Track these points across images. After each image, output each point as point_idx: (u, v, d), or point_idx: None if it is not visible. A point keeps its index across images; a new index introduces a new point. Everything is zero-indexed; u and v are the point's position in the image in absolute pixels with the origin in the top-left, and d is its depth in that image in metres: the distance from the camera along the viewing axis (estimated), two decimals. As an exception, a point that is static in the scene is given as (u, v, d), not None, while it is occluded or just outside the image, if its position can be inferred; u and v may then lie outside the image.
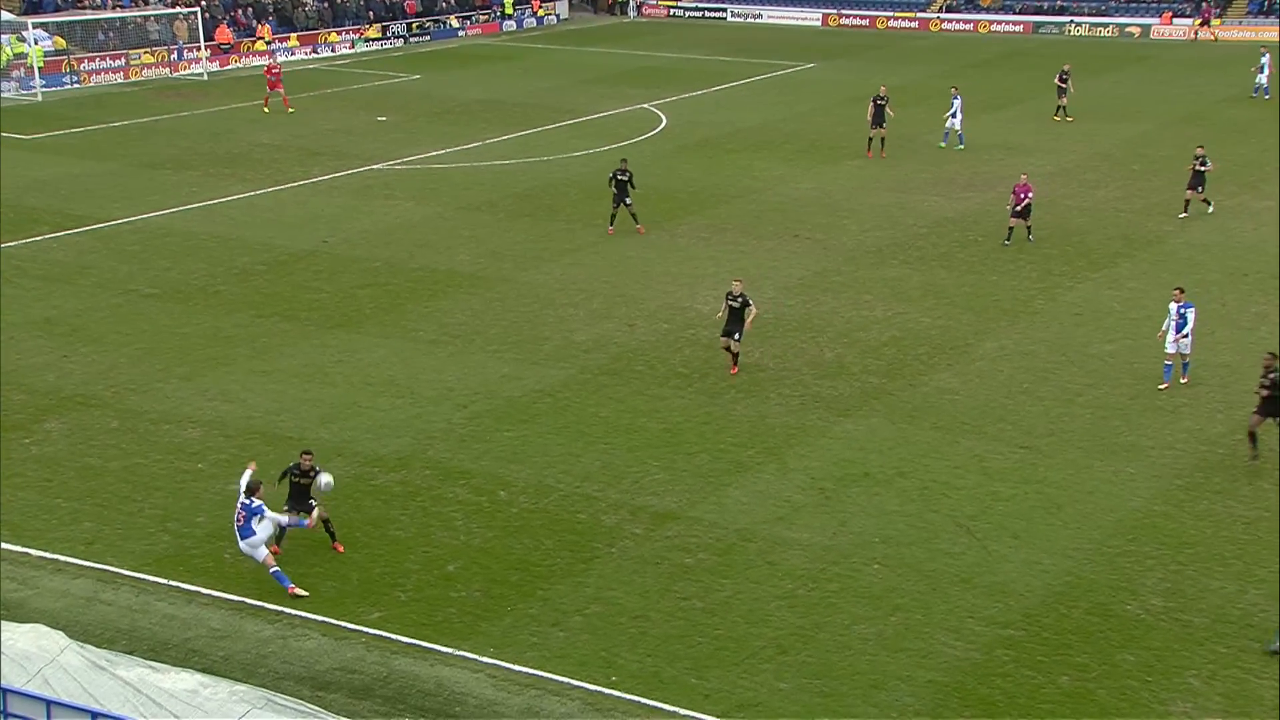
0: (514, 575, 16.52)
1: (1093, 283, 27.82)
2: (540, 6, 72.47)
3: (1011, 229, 29.97)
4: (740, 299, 22.57)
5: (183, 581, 16.23)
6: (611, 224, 30.81)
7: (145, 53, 52.90)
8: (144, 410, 20.91)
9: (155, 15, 54.32)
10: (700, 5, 75.73)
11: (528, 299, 26.54)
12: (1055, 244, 30.48)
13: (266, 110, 45.58)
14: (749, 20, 73.49)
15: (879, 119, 38.74)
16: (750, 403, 21.79)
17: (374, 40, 62.67)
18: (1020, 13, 68.90)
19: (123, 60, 51.93)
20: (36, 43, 48.30)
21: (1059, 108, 44.46)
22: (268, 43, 53.81)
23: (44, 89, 47.69)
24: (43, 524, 17.48)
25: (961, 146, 39.93)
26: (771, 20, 72.82)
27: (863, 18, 71.28)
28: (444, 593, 16.12)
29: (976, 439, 20.37)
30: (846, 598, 16.08)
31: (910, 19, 70.50)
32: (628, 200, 30.55)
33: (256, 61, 56.66)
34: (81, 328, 24.44)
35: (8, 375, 22.14)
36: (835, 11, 72.05)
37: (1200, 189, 31.98)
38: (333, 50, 60.59)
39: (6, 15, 50.38)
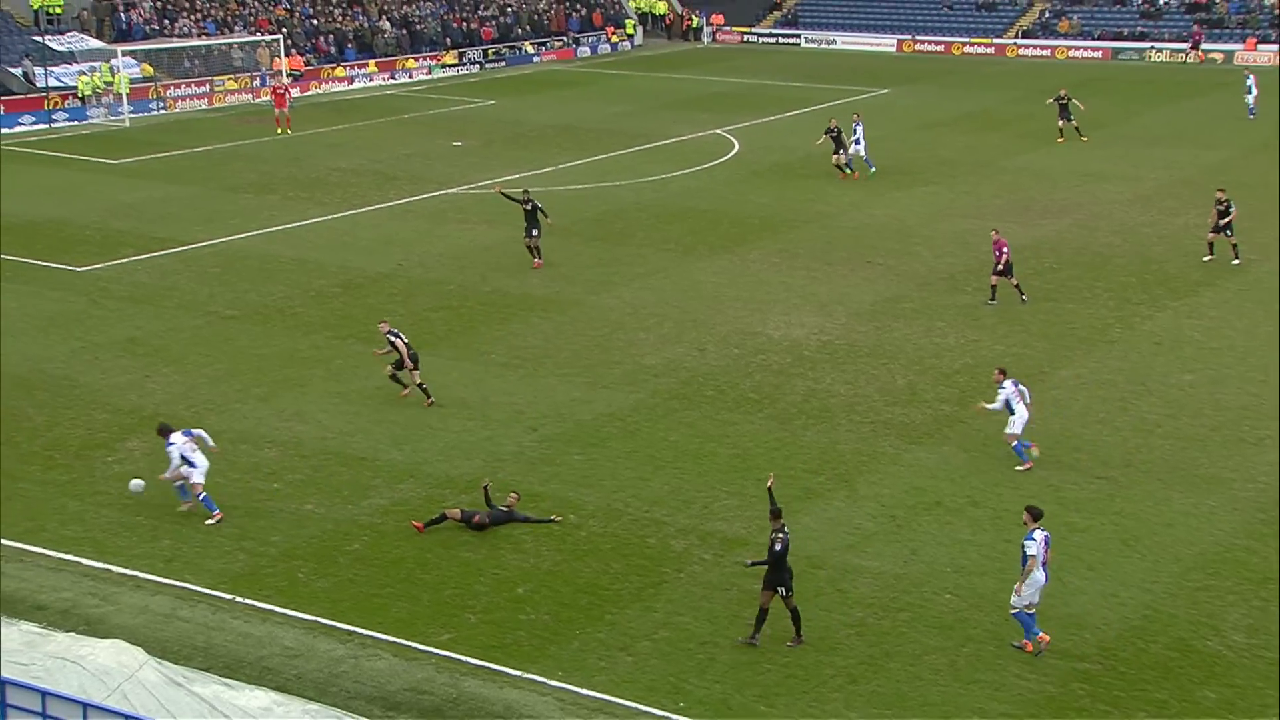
0: (583, 599, 16.53)
1: (1172, 311, 27.33)
2: (614, 32, 72.96)
3: (994, 287, 27.58)
4: None
5: (257, 600, 16.45)
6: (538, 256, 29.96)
7: (229, 79, 54.00)
8: (222, 430, 21.24)
9: (239, 43, 55.45)
10: (774, 31, 75.76)
11: (598, 323, 26.63)
12: (1133, 272, 30.01)
13: (280, 131, 46.22)
14: (823, 46, 73.35)
15: (839, 148, 38.85)
16: (821, 429, 21.66)
17: (450, 66, 63.46)
18: (1099, 39, 68.09)
19: (207, 87, 53.06)
20: (125, 70, 49.49)
21: (1074, 129, 43.88)
22: (298, 75, 54.64)
23: (131, 115, 48.86)
24: (124, 541, 17.81)
25: (873, 170, 39.39)
26: (845, 46, 72.61)
27: (938, 43, 70.84)
28: (513, 615, 16.18)
29: (1051, 469, 20.06)
30: (918, 627, 15.89)
31: (986, 45, 69.92)
32: (535, 232, 29.70)
33: (336, 88, 57.63)
34: (163, 348, 24.92)
35: (93, 394, 22.63)
36: (910, 37, 71.68)
37: (1228, 233, 30.21)
38: (410, 76, 61.43)
39: (96, 43, 51.70)
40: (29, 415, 21.64)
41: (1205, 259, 30.61)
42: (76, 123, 48.26)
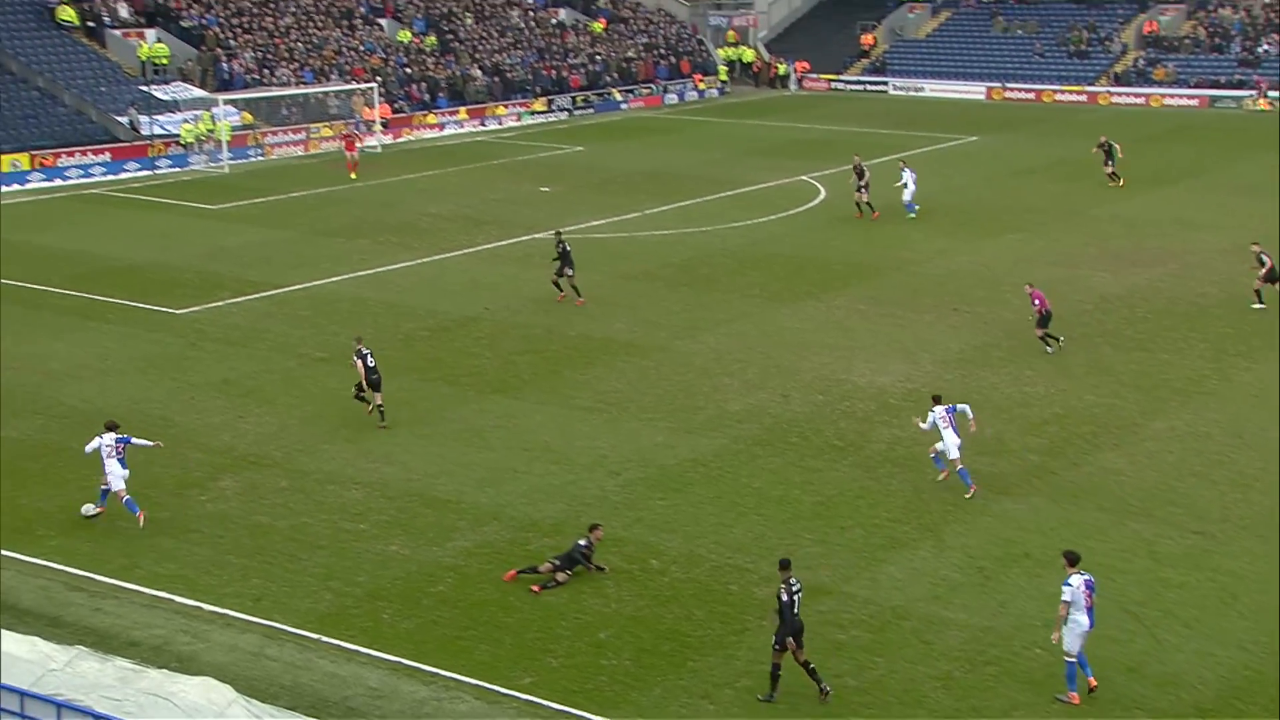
0: (665, 645, 16.45)
1: (1271, 363, 26.64)
2: (702, 80, 73.42)
3: (1042, 338, 27.38)
4: None
5: (343, 640, 16.60)
6: (562, 291, 31.06)
7: (324, 126, 55.21)
8: (311, 470, 21.58)
9: (335, 91, 56.75)
10: (861, 78, 75.70)
11: (683, 368, 26.65)
12: (1231, 322, 29.33)
13: (353, 176, 47.17)
14: (910, 94, 73.11)
15: (861, 185, 40.06)
16: (906, 477, 21.40)
17: (540, 113, 64.30)
18: (1195, 86, 66.99)
19: (303, 134, 54.29)
20: (225, 118, 50.86)
21: (1112, 173, 44.04)
22: (385, 122, 55.65)
23: (231, 161, 50.15)
24: (215, 579, 18.11)
25: (913, 213, 39.87)
26: (934, 94, 72.30)
27: (1028, 91, 70.23)
28: (595, 660, 16.14)
29: (1144, 522, 19.60)
30: (1006, 682, 15.55)
31: (1078, 93, 69.15)
32: (570, 271, 30.77)
33: (428, 134, 58.68)
34: (256, 389, 25.41)
35: (188, 434, 23.13)
36: (999, 85, 71.20)
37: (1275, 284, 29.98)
38: (500, 123, 62.35)
39: (199, 93, 53.23)
40: (128, 454, 22.12)
41: (1254, 306, 30.22)
42: (178, 169, 49.65)
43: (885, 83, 74.43)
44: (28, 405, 24.27)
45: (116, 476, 19.63)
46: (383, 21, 65.17)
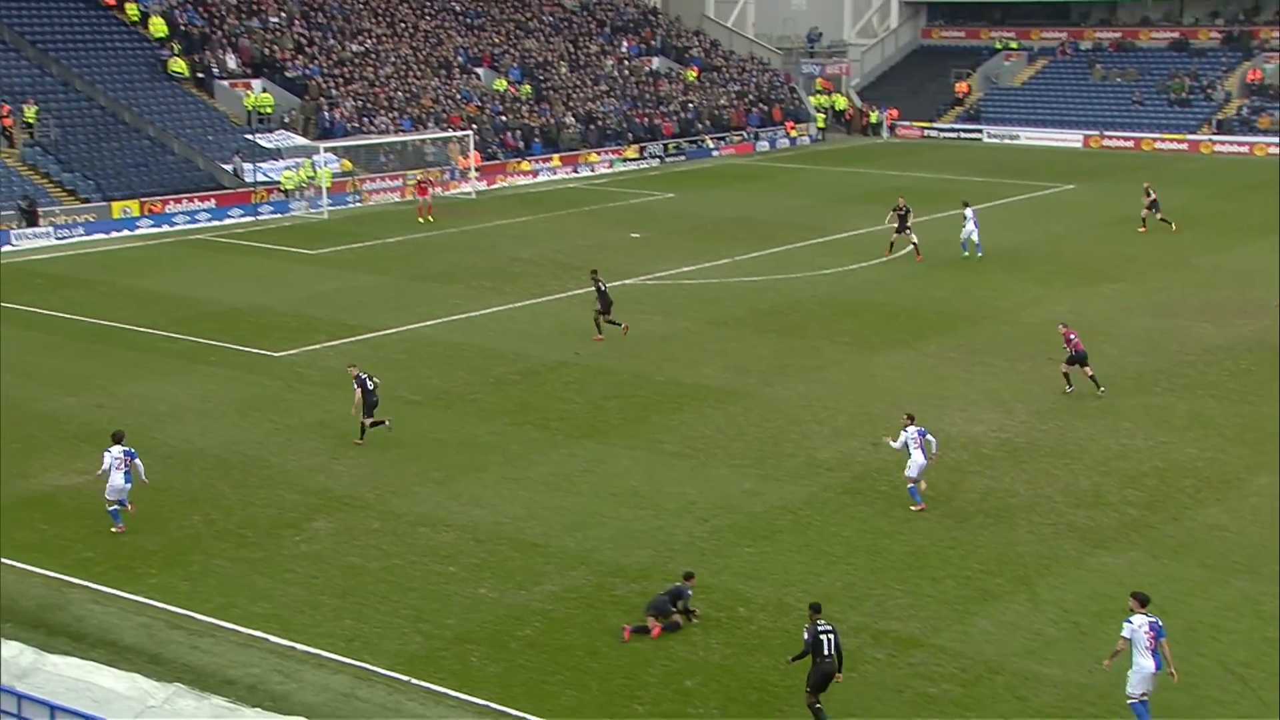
0: (752, 694, 16.31)
1: (1382, 416, 25.79)
2: (794, 127, 73.56)
3: (1066, 375, 27.53)
4: None
5: (432, 682, 16.71)
6: (600, 333, 31.85)
7: (421, 173, 56.24)
8: (403, 513, 21.84)
9: (432, 139, 57.85)
10: (955, 126, 75.25)
11: (772, 414, 26.55)
12: (1338, 373, 28.48)
13: (421, 220, 48.46)
14: (1005, 141, 72.47)
15: (902, 226, 40.70)
16: (999, 529, 21.04)
17: (631, 160, 64.88)
18: (1301, 133, 65.54)
19: (400, 180, 55.35)
20: (326, 165, 52.09)
21: (1157, 219, 44.22)
22: (476, 170, 56.46)
23: (330, 207, 51.30)
24: (308, 619, 18.36)
25: (980, 254, 40.37)
26: (1029, 141, 71.60)
27: (1127, 139, 69.22)
28: (681, 707, 16.05)
29: (1249, 579, 19.02)
30: (1102, 742, 15.15)
31: (1179, 140, 67.96)
32: (604, 309, 31.71)
33: (521, 180, 59.51)
34: (351, 432, 25.80)
35: (284, 475, 23.56)
36: (1097, 133, 70.29)
37: None
38: (592, 170, 63.01)
39: (302, 140, 54.61)
40: (225, 494, 22.65)
41: None
42: (279, 215, 50.89)
43: (979, 130, 73.90)
44: (133, 444, 24.76)
45: (120, 489, 21.05)
46: (479, 71, 66.39)
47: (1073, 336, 27.49)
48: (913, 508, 21.53)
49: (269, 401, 27.60)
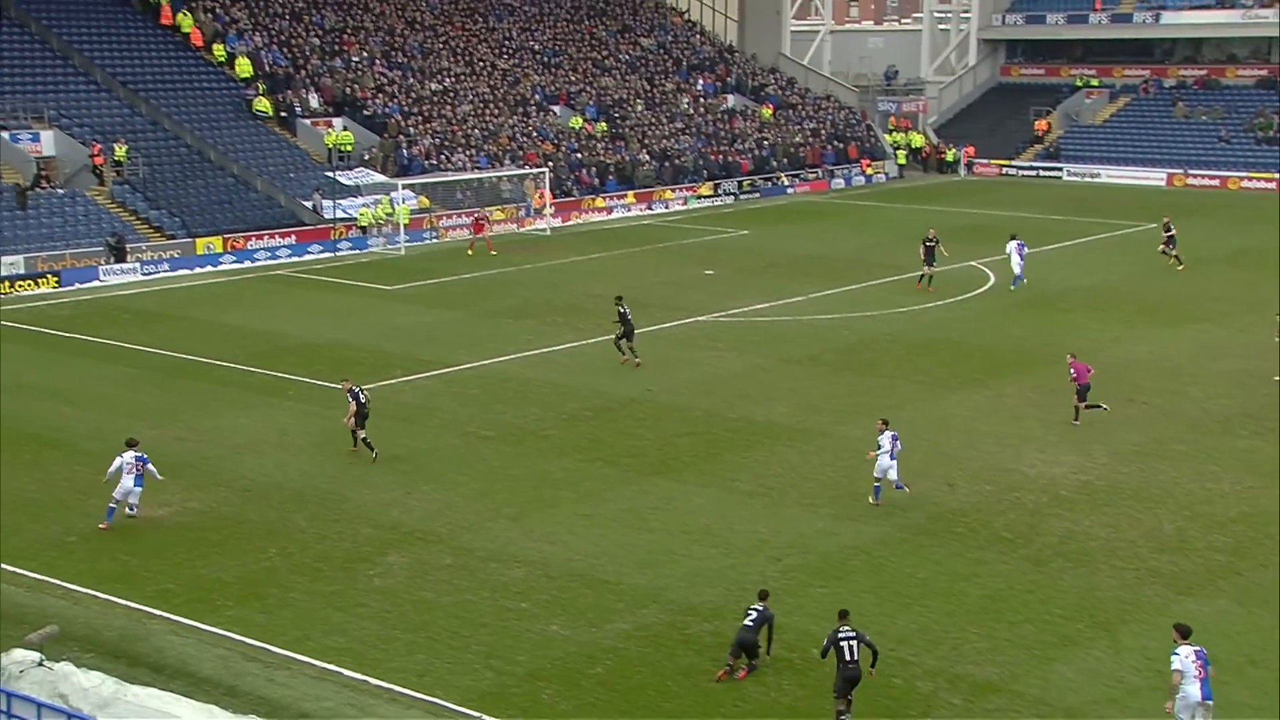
0: (823, 739, 16.10)
1: None
2: (869, 165, 73.35)
3: (1078, 409, 27.86)
4: None
5: (503, 719, 16.71)
6: (624, 355, 32.97)
7: (497, 209, 56.87)
8: (475, 548, 21.96)
9: (508, 176, 58.50)
10: (1034, 164, 74.57)
11: (845, 453, 26.35)
12: None
13: (470, 253, 49.50)
14: (1086, 179, 71.68)
15: (930, 258, 41.62)
16: (1079, 573, 20.66)
17: (706, 197, 65.08)
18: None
19: (485, 217, 55.94)
20: (404, 202, 52.88)
21: (1173, 256, 44.79)
22: (551, 207, 56.93)
23: (407, 243, 52.01)
24: (381, 653, 18.48)
25: (1023, 282, 41.38)
26: (1111, 180, 70.73)
27: (1212, 178, 68.08)
28: (751, 750, 15.89)
29: (1340, 630, 18.46)
30: (1186, 796, 14.75)
31: (1267, 179, 66.65)
32: (626, 336, 32.83)
33: (595, 217, 59.93)
34: (424, 466, 26.06)
35: (359, 509, 23.81)
36: (1181, 171, 69.23)
37: None
38: (666, 207, 63.28)
39: (380, 177, 55.52)
40: (301, 527, 22.93)
41: None
42: (358, 251, 51.67)
43: (1059, 169, 73.18)
44: (212, 477, 25.36)
45: (129, 490, 22.42)
46: (556, 108, 67.10)
47: (1079, 369, 27.76)
48: (870, 500, 23.38)
49: (345, 436, 27.91)
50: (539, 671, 17.87)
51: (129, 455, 22.69)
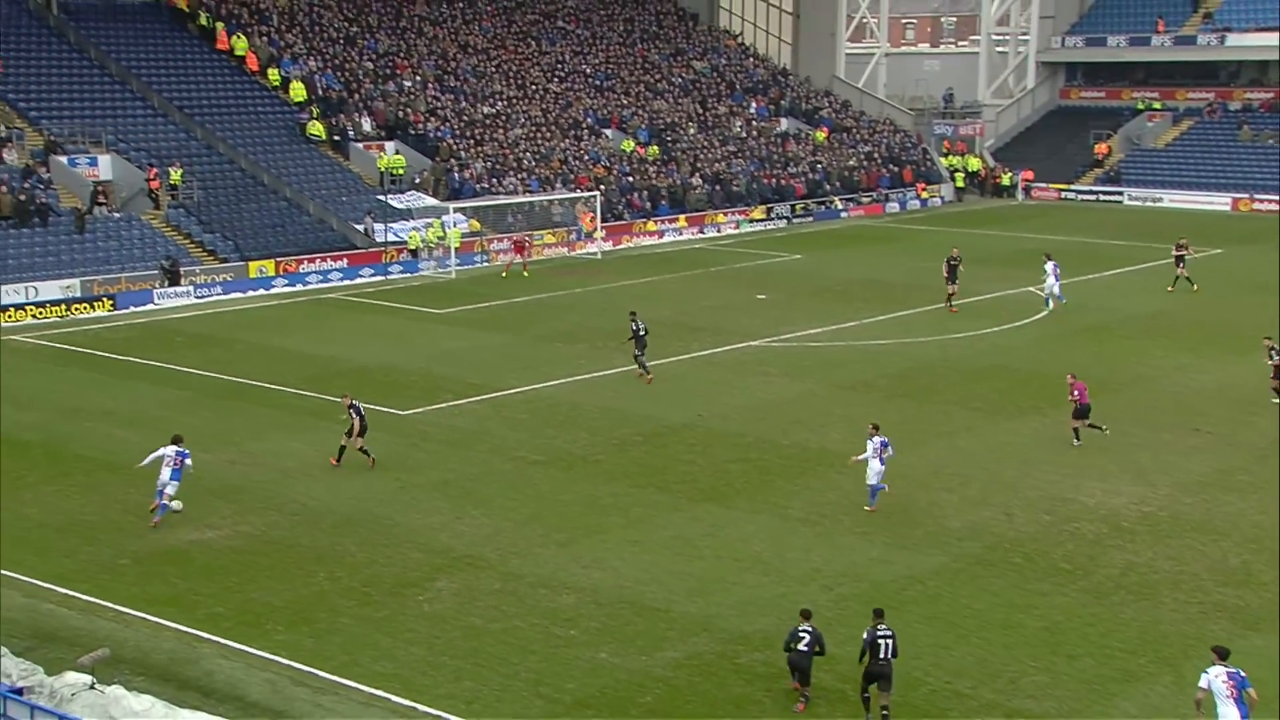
0: (876, 773, 15.94)
1: None
2: (925, 189, 73.05)
3: (1076, 430, 28.18)
4: None
5: (549, 745, 16.70)
6: (646, 373, 33.98)
7: (548, 233, 57.20)
8: (524, 574, 21.99)
9: (559, 199, 58.82)
10: (1094, 188, 73.94)
11: (900, 481, 26.15)
12: None
13: (504, 276, 50.11)
14: (1148, 204, 70.95)
15: (953, 277, 42.66)
16: (1141, 606, 20.34)
17: (758, 221, 65.08)
18: None
19: (527, 240, 56.28)
20: (455, 225, 53.30)
21: (1176, 278, 45.40)
22: (602, 231, 57.13)
23: (458, 267, 52.41)
24: (429, 680, 18.52)
25: (1064, 302, 42.26)
26: (1174, 204, 69.95)
27: (1278, 203, 67.13)
28: (803, 784, 15.75)
29: None
30: (1253, 838, 14.45)
31: (1335, 204, 65.73)
32: (638, 351, 33.87)
33: (647, 241, 60.10)
34: (474, 491, 26.17)
35: (408, 533, 23.94)
36: (1247, 196, 68.32)
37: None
38: (718, 230, 63.35)
39: (432, 201, 56.00)
40: (350, 551, 23.08)
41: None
42: (409, 275, 52.12)
43: (1120, 193, 72.54)
44: (262, 501, 25.60)
45: (164, 483, 23.72)
46: (608, 132, 67.46)
47: (1077, 389, 28.04)
48: (866, 507, 24.33)
49: (395, 459, 28.13)
50: (588, 700, 17.84)
51: (170, 449, 23.97)
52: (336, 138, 59.12)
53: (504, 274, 51.01)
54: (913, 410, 31.34)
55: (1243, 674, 15.64)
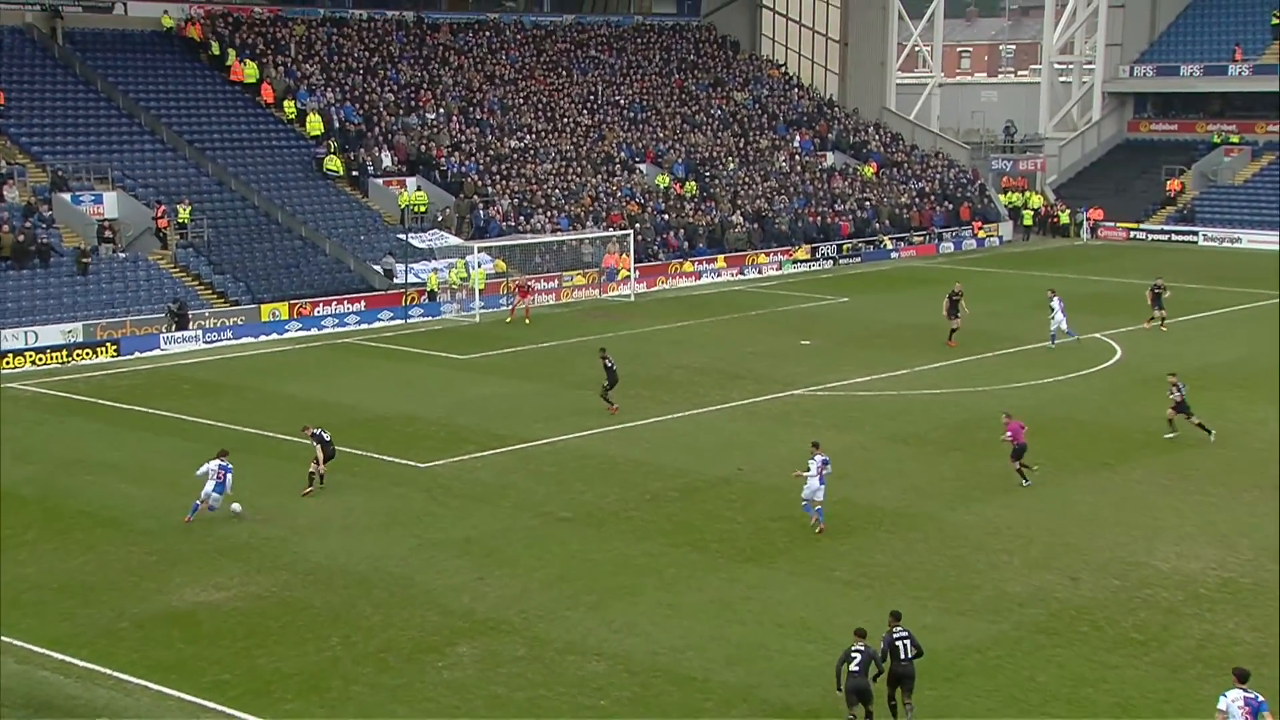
0: None
1: None
2: (981, 228, 73.01)
3: (1019, 470, 29.51)
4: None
5: (576, 825, 16.60)
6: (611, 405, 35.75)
7: (578, 274, 57.47)
8: (551, 639, 21.96)
9: (590, 239, 59.13)
10: (1165, 227, 73.68)
11: (955, 542, 26.01)
12: None
13: (509, 320, 50.67)
14: (1225, 244, 70.61)
15: (954, 311, 44.79)
16: (1221, 681, 20.02)
17: (803, 262, 65.22)
18: None
19: (556, 282, 56.62)
20: (480, 266, 53.61)
21: (1152, 318, 46.75)
22: (621, 273, 57.38)
23: (482, 310, 52.72)
24: (447, 750, 18.49)
25: (1075, 339, 43.99)
26: (1254, 245, 69.58)
27: (1365, 242, 66.74)
28: None
29: None
30: None
31: None
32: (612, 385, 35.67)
33: (683, 283, 60.30)
34: (497, 549, 26.20)
35: (427, 595, 23.96)
36: (1334, 236, 67.93)
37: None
38: (759, 271, 63.50)
39: (455, 240, 56.36)
40: (366, 614, 23.12)
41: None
42: (430, 318, 52.47)
43: (1195, 232, 72.26)
44: (273, 560, 25.72)
45: (208, 494, 27.21)
46: (642, 166, 67.92)
47: (1011, 430, 29.15)
48: (812, 523, 26.58)
49: (414, 515, 28.22)
50: (618, 776, 17.75)
51: (214, 463, 27.40)
52: (355, 173, 59.81)
53: (508, 319, 51.18)
54: (969, 465, 31.18)
55: (1261, 698, 16.48)
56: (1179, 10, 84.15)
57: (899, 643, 18.57)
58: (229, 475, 27.38)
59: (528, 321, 50.87)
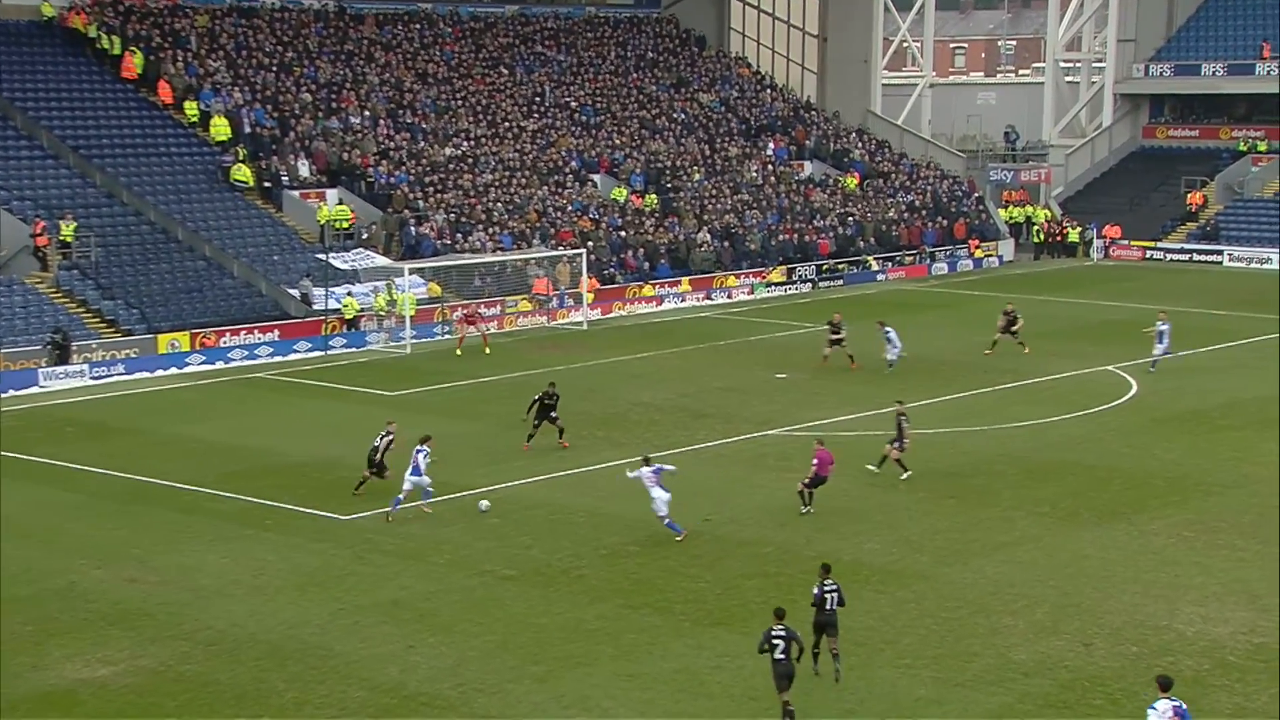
0: None
1: None
2: (979, 246, 73.68)
3: (800, 493, 31.29)
4: None
5: None
6: (529, 441, 37.06)
7: (523, 299, 57.52)
8: (492, 715, 21.87)
9: (537, 258, 59.15)
10: (1186, 246, 74.60)
11: (951, 602, 26.13)
12: None
13: (459, 353, 51.05)
14: (1252, 266, 71.54)
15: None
16: (1251, 759, 20.23)
17: (777, 284, 65.62)
18: None
19: (498, 308, 56.61)
20: (410, 290, 53.47)
21: (995, 342, 48.89)
22: (589, 296, 57.70)
23: (413, 339, 52.61)
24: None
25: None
26: (1283, 265, 70.60)
27: (1406, 260, 67.82)
28: None
29: None
30: None
31: None
32: (553, 415, 37.18)
33: (642, 308, 60.47)
34: (430, 613, 26.09)
35: (349, 666, 23.79)
36: (1369, 257, 68.99)
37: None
38: (729, 295, 63.82)
39: (383, 260, 56.14)
40: (278, 690, 22.93)
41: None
42: (354, 349, 52.27)
43: (1219, 251, 73.20)
44: (170, 628, 25.48)
45: (406, 479, 31.25)
46: (596, 178, 68.24)
47: (817, 461, 30.93)
48: (676, 539, 29.17)
49: (335, 575, 28.06)
50: None
51: (423, 457, 31.19)
52: (267, 184, 59.72)
53: (458, 351, 51.15)
54: (966, 515, 31.36)
55: (1184, 706, 18.19)
56: (1200, 2, 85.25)
57: (828, 595, 22.42)
58: (420, 457, 31.02)
59: (487, 351, 50.93)
